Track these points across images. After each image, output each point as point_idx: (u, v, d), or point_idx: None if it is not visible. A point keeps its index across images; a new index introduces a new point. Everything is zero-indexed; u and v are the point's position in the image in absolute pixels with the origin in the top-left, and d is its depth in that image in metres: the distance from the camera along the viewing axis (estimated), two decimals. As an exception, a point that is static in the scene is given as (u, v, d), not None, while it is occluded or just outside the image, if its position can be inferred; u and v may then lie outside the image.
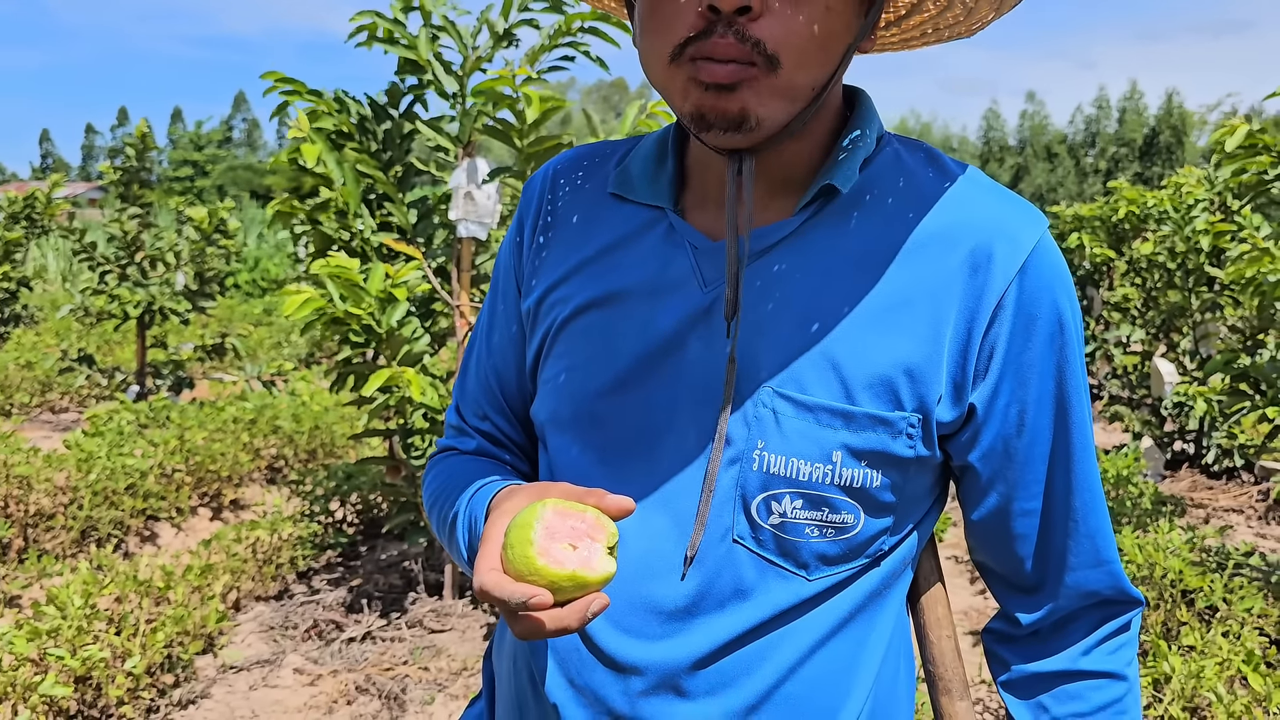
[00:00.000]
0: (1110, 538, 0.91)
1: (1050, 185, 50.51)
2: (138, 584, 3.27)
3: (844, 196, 0.87)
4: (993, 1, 0.87)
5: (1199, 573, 3.35)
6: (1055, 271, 0.86)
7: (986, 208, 0.86)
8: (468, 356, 1.08)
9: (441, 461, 1.07)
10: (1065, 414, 0.87)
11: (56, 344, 9.32)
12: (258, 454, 5.54)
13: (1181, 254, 5.79)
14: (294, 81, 3.52)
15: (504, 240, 1.05)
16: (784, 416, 0.83)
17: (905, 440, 0.83)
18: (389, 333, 3.22)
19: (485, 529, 0.80)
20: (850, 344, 0.83)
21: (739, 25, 0.75)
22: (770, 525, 0.84)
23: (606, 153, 1.01)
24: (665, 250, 0.91)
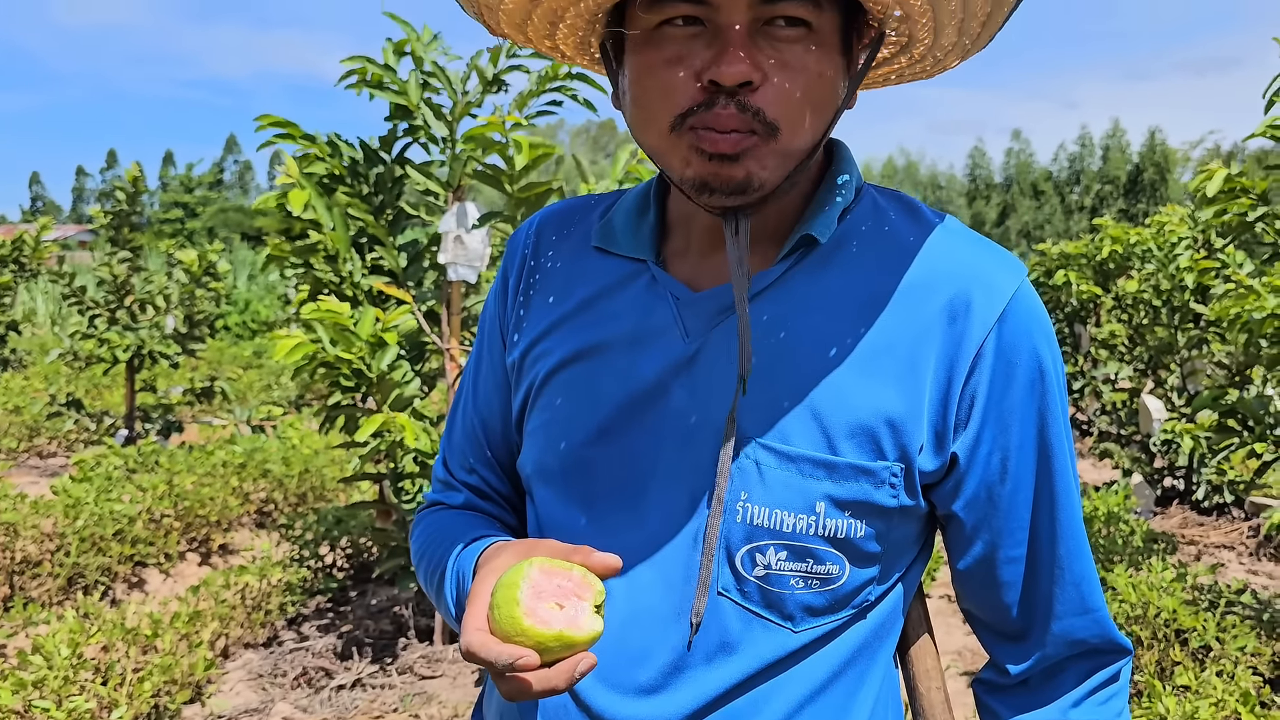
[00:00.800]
0: (1096, 585, 0.91)
1: (1037, 222, 50.91)
2: (125, 632, 3.23)
3: (823, 246, 0.88)
4: (960, 51, 0.89)
5: (1192, 612, 3.35)
6: (1034, 319, 0.86)
7: (965, 257, 0.87)
8: (454, 410, 1.09)
9: (428, 516, 1.07)
10: (1048, 460, 0.87)
11: (45, 388, 9.28)
12: (247, 498, 5.51)
13: (1167, 291, 5.84)
14: (288, 124, 3.55)
15: (489, 293, 1.06)
16: (766, 467, 0.84)
17: (888, 490, 0.83)
18: (380, 377, 3.22)
19: (472, 587, 0.79)
20: (831, 394, 0.84)
21: (740, 96, 0.77)
22: (755, 577, 0.84)
23: (590, 206, 1.02)
24: (647, 301, 0.91)
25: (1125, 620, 3.41)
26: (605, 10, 0.86)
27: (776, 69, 0.78)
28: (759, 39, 0.78)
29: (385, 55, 3.48)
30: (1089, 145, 53.87)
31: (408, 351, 3.65)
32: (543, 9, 0.86)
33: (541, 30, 0.90)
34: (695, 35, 0.79)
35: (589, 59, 0.97)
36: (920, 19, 0.82)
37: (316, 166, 3.50)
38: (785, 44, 0.79)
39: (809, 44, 0.79)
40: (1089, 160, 53.68)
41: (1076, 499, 0.89)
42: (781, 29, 0.78)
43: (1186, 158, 48.72)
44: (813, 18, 0.78)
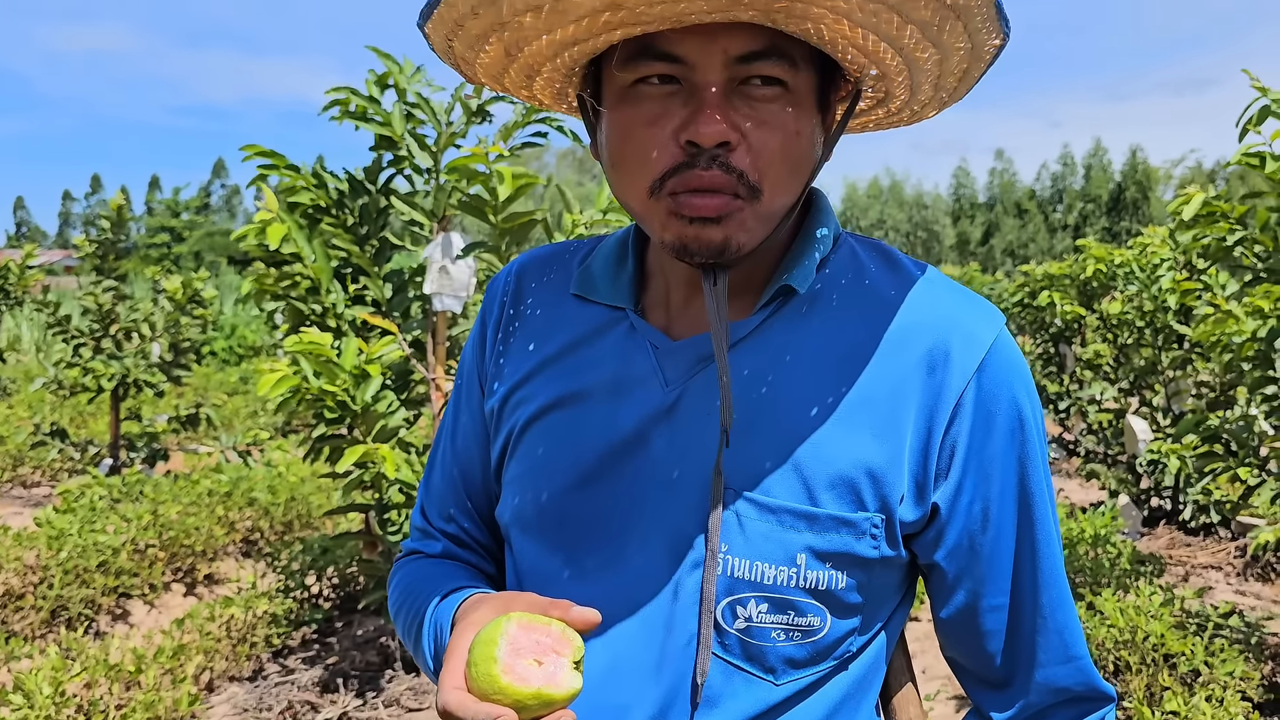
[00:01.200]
0: (1079, 633, 0.91)
1: (1021, 241, 51.24)
2: (108, 668, 3.20)
3: (801, 296, 0.88)
4: (937, 104, 0.90)
5: (1180, 636, 3.35)
6: (1013, 368, 0.87)
7: (943, 307, 0.87)
8: (432, 458, 1.08)
9: (406, 565, 1.06)
10: (1029, 509, 0.87)
11: (29, 417, 9.21)
12: (233, 527, 5.47)
13: (1150, 312, 5.87)
14: (273, 154, 3.54)
15: (468, 341, 1.05)
16: (747, 519, 0.83)
17: (869, 541, 0.83)
18: (364, 409, 3.21)
19: (450, 643, 0.79)
20: (811, 445, 0.84)
21: (721, 157, 0.77)
22: (736, 630, 0.84)
23: (569, 253, 1.02)
24: (626, 350, 0.92)
25: (1114, 645, 3.41)
26: (581, 66, 0.86)
27: (754, 129, 0.78)
28: (735, 99, 0.78)
29: (369, 87, 3.48)
30: (1071, 164, 54.31)
31: (393, 381, 3.64)
32: (518, 65, 0.86)
33: (518, 82, 0.90)
34: (672, 94, 0.79)
35: (566, 107, 0.97)
36: (896, 78, 0.83)
37: (301, 196, 3.50)
38: (762, 103, 0.79)
39: (785, 103, 0.79)
40: (1071, 179, 54.10)
41: (1058, 547, 0.90)
42: (757, 88, 0.78)
43: (1169, 176, 49.17)
44: (788, 77, 0.79)
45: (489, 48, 0.83)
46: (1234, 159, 2.88)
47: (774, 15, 0.74)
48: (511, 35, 0.80)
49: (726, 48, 0.77)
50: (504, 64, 0.86)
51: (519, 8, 0.75)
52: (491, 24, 0.79)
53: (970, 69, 0.82)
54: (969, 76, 0.84)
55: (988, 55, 0.80)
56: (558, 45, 0.81)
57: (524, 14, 0.76)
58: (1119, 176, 50.86)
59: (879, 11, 0.73)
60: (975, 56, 0.80)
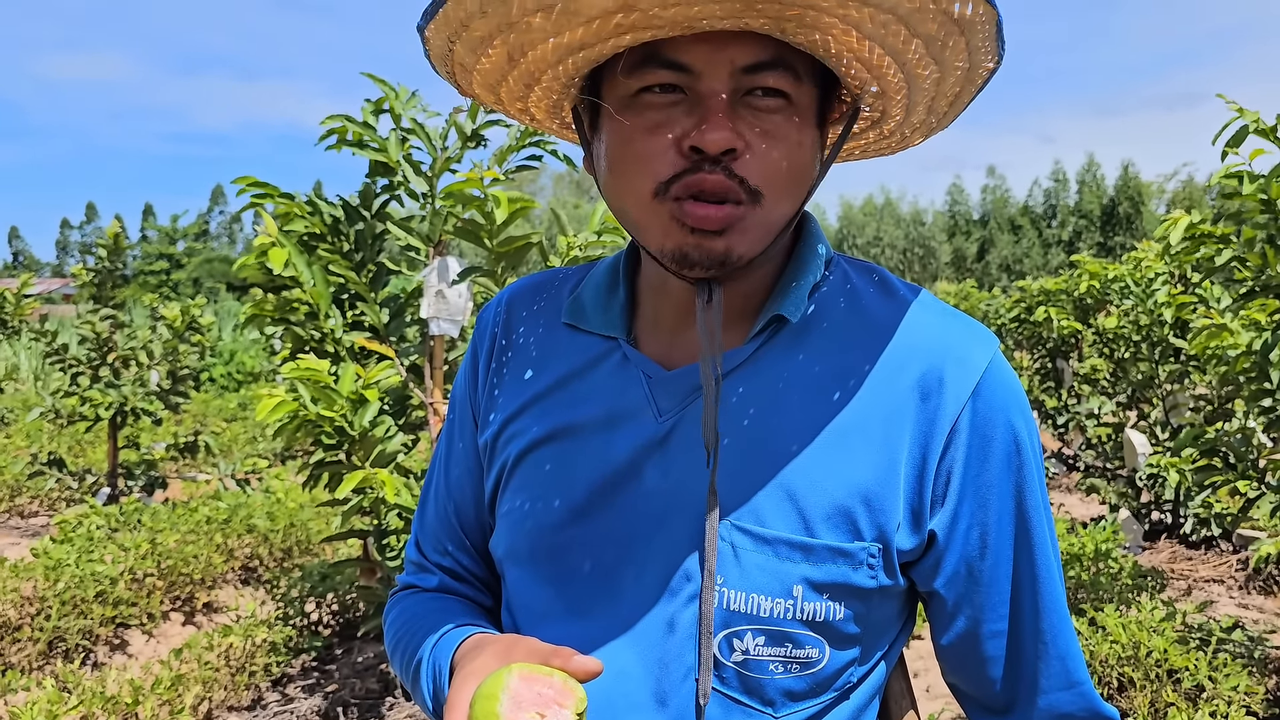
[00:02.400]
0: (1079, 659, 0.91)
1: (1016, 256, 51.37)
2: (104, 701, 3.18)
3: (794, 324, 0.88)
4: (926, 130, 0.90)
5: (1183, 651, 3.34)
6: (1008, 392, 0.86)
7: (936, 331, 0.87)
8: (425, 492, 1.08)
9: (402, 600, 1.05)
10: (1027, 534, 0.86)
11: (27, 446, 9.19)
12: (231, 554, 5.45)
13: (1146, 326, 5.88)
14: (266, 185, 3.55)
15: (459, 371, 1.05)
16: (742, 550, 0.82)
17: (867, 570, 0.82)
18: (362, 434, 3.21)
19: (450, 693, 0.78)
20: (806, 474, 0.83)
21: (725, 163, 0.78)
22: (733, 663, 0.83)
23: (560, 281, 1.02)
24: (619, 381, 0.91)
25: (1116, 661, 3.39)
26: (582, 75, 0.86)
27: (758, 138, 0.79)
28: (740, 108, 0.79)
29: (365, 114, 3.50)
30: (1063, 180, 54.54)
31: (390, 406, 3.64)
32: (519, 71, 0.85)
33: (515, 92, 0.89)
34: (675, 103, 0.80)
35: (560, 124, 0.96)
36: (895, 95, 0.83)
37: (296, 224, 3.51)
38: (766, 114, 0.79)
39: (789, 114, 0.80)
40: (1064, 195, 54.32)
41: (1058, 572, 0.89)
42: (761, 99, 0.79)
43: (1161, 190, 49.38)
44: (791, 90, 0.79)
45: (492, 51, 0.82)
46: (1214, 179, 2.90)
47: (784, 24, 0.75)
48: (518, 38, 0.79)
49: (734, 58, 0.77)
50: (504, 71, 0.85)
51: (529, 7, 0.74)
52: (499, 25, 0.78)
53: (963, 92, 0.83)
54: (960, 100, 0.84)
55: (981, 78, 0.80)
56: (564, 50, 0.80)
57: (534, 14, 0.75)
58: (1112, 191, 51.09)
59: (888, 24, 0.74)
60: (969, 79, 0.81)
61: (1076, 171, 53.97)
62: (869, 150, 0.97)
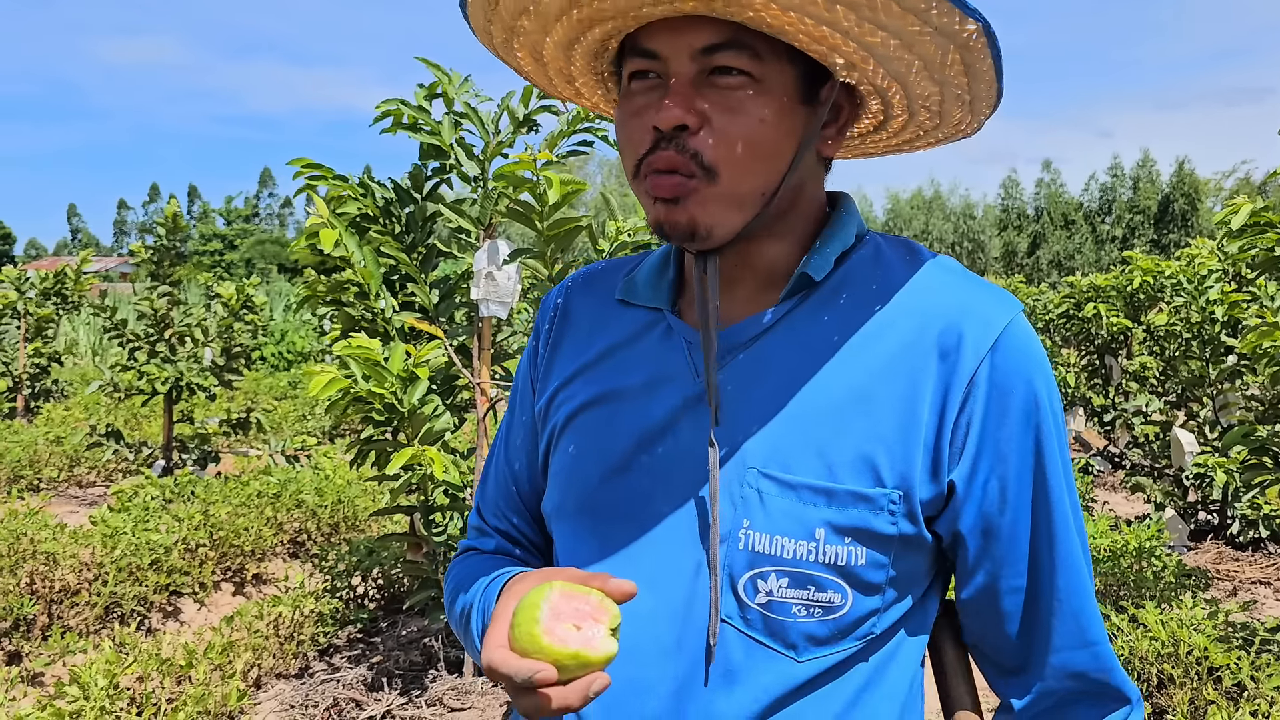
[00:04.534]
0: (1096, 619, 0.93)
1: (1068, 252, 50.58)
2: (160, 663, 3.29)
3: (824, 288, 0.93)
4: (951, 129, 0.94)
5: (1225, 649, 3.31)
6: (1028, 351, 0.89)
7: (958, 292, 0.91)
8: (489, 461, 1.16)
9: (462, 562, 1.12)
10: (1045, 492, 0.89)
11: (85, 419, 9.44)
12: (281, 528, 5.58)
13: (1197, 324, 5.81)
14: (320, 166, 3.63)
15: (524, 352, 1.13)
16: (768, 495, 0.87)
17: (887, 516, 0.86)
18: (411, 411, 3.28)
19: (495, 610, 0.84)
20: (831, 424, 0.88)
21: (680, 140, 0.84)
22: (757, 604, 0.87)
23: (618, 267, 1.10)
24: (663, 347, 0.98)
25: (1155, 658, 3.38)
26: (607, 66, 0.96)
27: (716, 114, 0.84)
28: (704, 88, 0.85)
29: (418, 97, 3.56)
30: (1120, 175, 53.54)
31: (439, 386, 3.71)
32: (548, 69, 0.95)
33: (557, 84, 1.00)
34: (653, 88, 0.87)
35: (611, 108, 1.04)
36: (864, 65, 0.84)
37: (349, 206, 3.58)
38: (727, 91, 0.84)
39: (750, 91, 0.84)
40: (1120, 190, 53.34)
41: (1073, 531, 0.91)
42: (723, 78, 0.84)
43: (1219, 188, 48.30)
44: (752, 68, 0.84)
45: (518, 51, 0.95)
46: (1272, 174, 2.86)
47: (712, 4, 0.80)
48: (523, 41, 0.92)
49: (691, 41, 0.83)
50: (538, 70, 0.98)
51: (514, 10, 0.87)
52: (504, 33, 0.91)
53: (974, 86, 0.85)
54: (979, 100, 0.87)
55: (971, 43, 0.79)
56: (562, 45, 0.91)
57: (519, 18, 0.88)
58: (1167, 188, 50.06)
59: None
60: (956, 43, 0.79)
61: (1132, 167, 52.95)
62: (898, 145, 1.01)
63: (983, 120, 0.93)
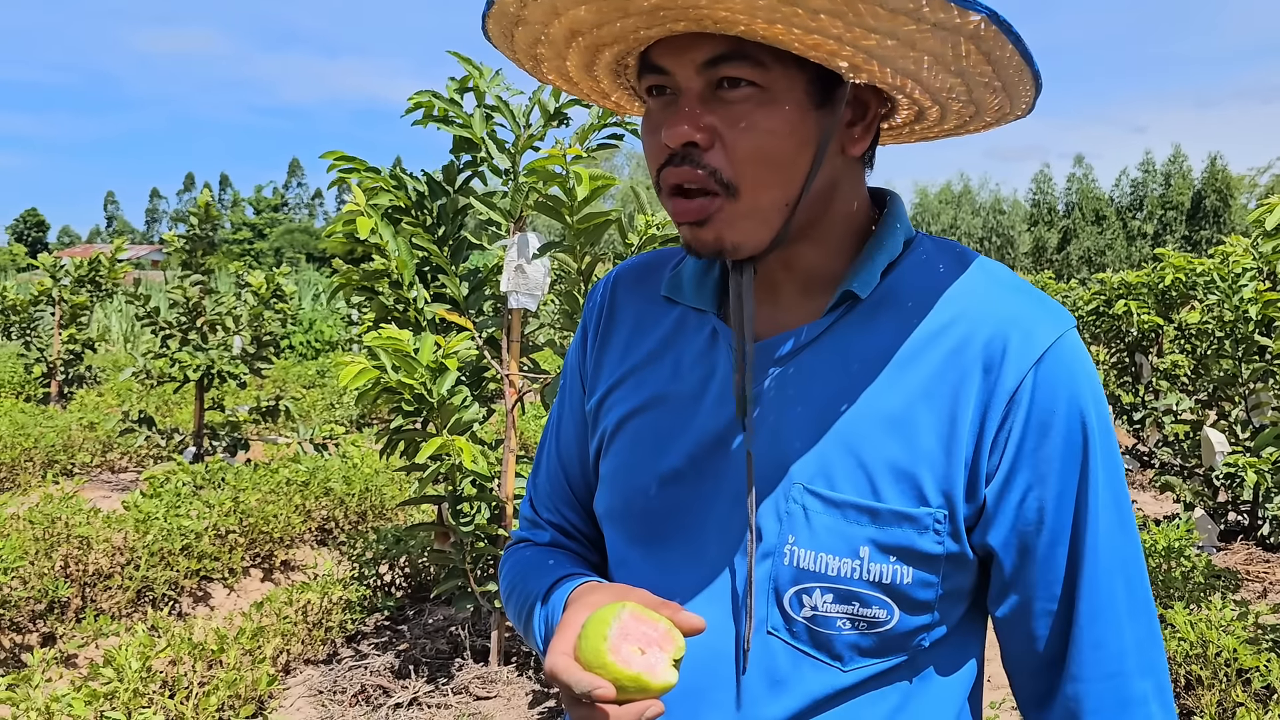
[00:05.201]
0: (1130, 652, 0.88)
1: (1098, 248, 50.07)
2: (192, 647, 3.34)
3: (870, 299, 0.91)
4: (995, 114, 0.89)
5: (1254, 651, 3.29)
6: (1075, 370, 0.86)
7: (1006, 305, 0.88)
8: (539, 454, 1.16)
9: (517, 552, 1.13)
10: (1086, 516, 0.86)
11: (118, 405, 9.56)
12: (309, 516, 5.64)
13: (1230, 323, 5.74)
14: (353, 159, 3.67)
15: (572, 344, 1.13)
16: (813, 512, 0.87)
17: (933, 536, 0.85)
18: (440, 402, 3.31)
19: (564, 617, 0.85)
20: (875, 441, 0.87)
21: (692, 155, 0.84)
22: (803, 618, 0.88)
23: (664, 260, 1.08)
24: (710, 353, 0.97)
25: (1184, 659, 3.36)
26: (628, 79, 0.96)
27: (727, 129, 0.83)
28: (712, 102, 0.84)
29: (449, 90, 3.58)
30: (1152, 171, 52.91)
31: (468, 377, 3.73)
32: (577, 90, 0.98)
33: (593, 93, 1.00)
34: (668, 103, 0.87)
35: None
36: (866, 66, 0.80)
37: (381, 198, 3.61)
38: (735, 104, 0.83)
39: (758, 102, 0.82)
40: (1152, 186, 52.72)
41: (1117, 559, 0.87)
42: (729, 90, 0.83)
43: (1253, 184, 47.62)
44: (757, 77, 0.82)
45: (551, 77, 0.97)
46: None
47: (703, 23, 0.79)
48: (547, 66, 0.93)
49: (694, 56, 0.83)
50: (572, 87, 0.99)
51: (529, 41, 0.89)
52: (530, 61, 0.93)
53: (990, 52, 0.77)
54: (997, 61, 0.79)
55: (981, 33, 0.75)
56: (579, 70, 0.93)
57: (536, 48, 0.89)
58: (1199, 184, 49.44)
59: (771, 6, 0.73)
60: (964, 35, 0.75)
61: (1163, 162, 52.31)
62: (950, 130, 0.97)
63: (1029, 102, 0.87)
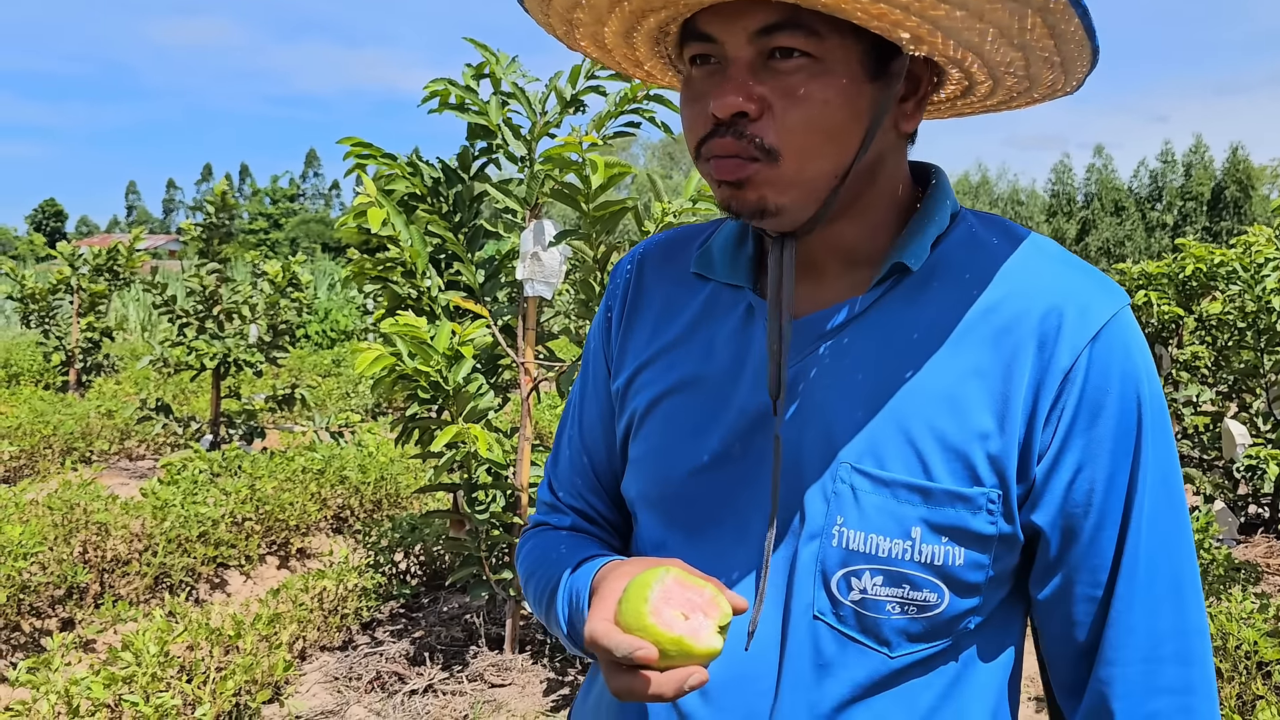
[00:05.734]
0: (1188, 640, 0.86)
1: (1118, 239, 49.72)
2: (209, 632, 3.35)
3: (917, 273, 0.88)
4: (1045, 90, 0.87)
5: (1275, 644, 3.26)
6: (1131, 349, 0.84)
7: (1061, 280, 0.86)
8: (559, 437, 1.12)
9: (536, 536, 1.09)
10: (1134, 502, 0.84)
11: (135, 393, 9.62)
12: (325, 503, 5.66)
13: (1252, 313, 5.68)
14: (369, 146, 3.66)
15: (594, 322, 1.09)
16: (862, 492, 0.85)
17: (985, 516, 0.83)
18: (455, 389, 3.30)
19: (603, 587, 0.82)
20: (926, 419, 0.84)
21: (739, 126, 0.81)
22: (851, 601, 0.85)
23: (690, 236, 1.05)
24: (745, 331, 0.94)
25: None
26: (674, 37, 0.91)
27: (778, 98, 0.80)
28: (763, 73, 0.81)
29: (465, 77, 3.57)
30: (1171, 161, 52.49)
31: (483, 365, 3.73)
32: (611, 56, 0.94)
33: (626, 61, 0.97)
34: (713, 72, 0.84)
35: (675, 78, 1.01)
36: (930, 39, 0.78)
37: (398, 185, 3.61)
38: (786, 75, 0.80)
39: (812, 73, 0.80)
40: (1171, 176, 52.32)
41: (1168, 546, 0.85)
42: (782, 61, 0.80)
43: (1275, 174, 47.18)
44: (812, 47, 0.79)
45: (584, 44, 0.94)
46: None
47: None
48: (583, 32, 0.90)
49: (747, 24, 0.80)
50: (606, 56, 0.95)
51: (567, 5, 0.86)
52: (564, 25, 0.90)
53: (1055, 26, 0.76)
54: (1071, 58, 0.79)
55: (1051, 6, 0.73)
56: (618, 35, 0.90)
57: (574, 12, 0.86)
58: (1220, 175, 48.99)
59: None
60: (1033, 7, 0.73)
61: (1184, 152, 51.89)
62: (993, 105, 0.94)
63: (1081, 78, 0.85)
